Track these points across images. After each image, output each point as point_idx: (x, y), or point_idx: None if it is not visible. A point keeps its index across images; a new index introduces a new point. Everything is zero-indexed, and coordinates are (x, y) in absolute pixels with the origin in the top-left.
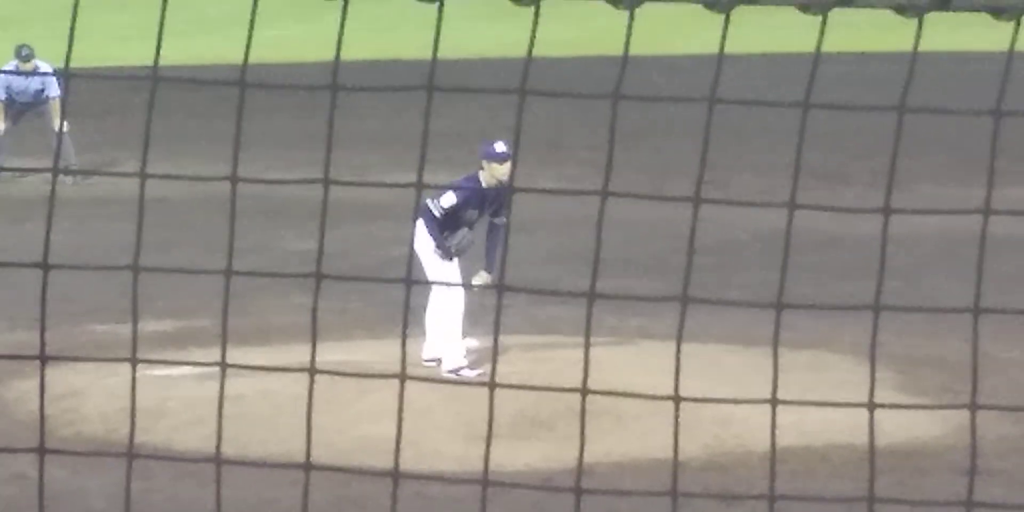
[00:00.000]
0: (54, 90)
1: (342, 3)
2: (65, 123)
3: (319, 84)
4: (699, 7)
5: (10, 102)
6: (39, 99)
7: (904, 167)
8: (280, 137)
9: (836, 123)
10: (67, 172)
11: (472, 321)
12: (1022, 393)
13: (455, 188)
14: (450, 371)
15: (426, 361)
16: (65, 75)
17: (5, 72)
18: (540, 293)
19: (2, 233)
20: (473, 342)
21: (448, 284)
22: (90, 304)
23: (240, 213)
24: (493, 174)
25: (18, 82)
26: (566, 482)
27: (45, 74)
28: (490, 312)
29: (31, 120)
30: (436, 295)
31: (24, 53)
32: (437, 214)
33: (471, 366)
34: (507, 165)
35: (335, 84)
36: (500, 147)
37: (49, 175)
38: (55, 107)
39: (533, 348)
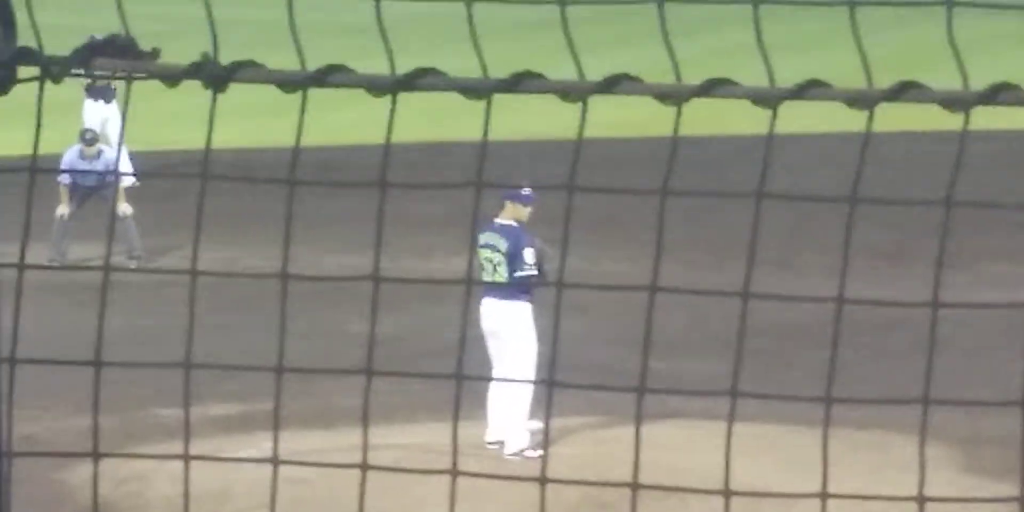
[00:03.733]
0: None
1: (391, 97)
2: (129, 207)
3: (376, 168)
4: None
5: (74, 186)
6: (103, 183)
7: (965, 246)
8: (342, 217)
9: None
10: (120, 269)
11: (534, 402)
12: None
13: (523, 244)
14: (513, 453)
15: (489, 444)
16: (116, 173)
17: (66, 171)
18: (585, 388)
19: (64, 318)
20: (537, 424)
21: (523, 365)
22: (154, 387)
23: (303, 295)
24: (516, 215)
25: (82, 166)
26: None
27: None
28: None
29: (96, 204)
30: (509, 372)
31: (88, 137)
32: (535, 272)
33: (534, 447)
34: (530, 207)
35: (383, 180)
36: (526, 190)
37: (113, 260)
38: (120, 191)
39: (594, 429)
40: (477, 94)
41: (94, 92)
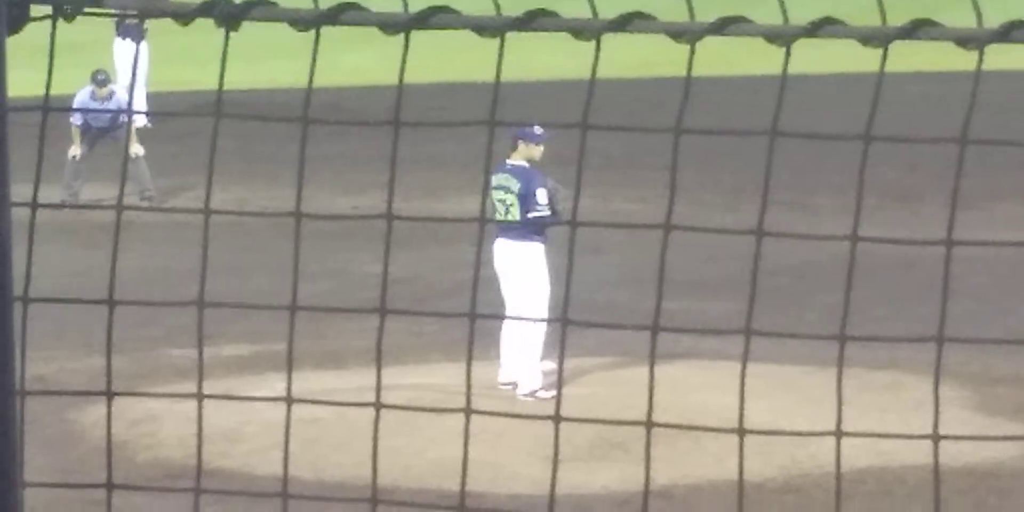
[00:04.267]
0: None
1: (404, 35)
2: (141, 148)
3: (388, 109)
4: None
5: (86, 127)
6: (115, 124)
7: (979, 185)
8: (355, 159)
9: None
10: (133, 207)
11: (547, 343)
12: None
13: (536, 185)
14: (526, 394)
15: (502, 384)
16: (129, 111)
17: (78, 110)
18: (600, 326)
19: (78, 257)
20: (550, 364)
21: (535, 303)
22: (166, 328)
23: (315, 235)
24: (528, 155)
25: (94, 107)
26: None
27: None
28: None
29: (107, 145)
30: (522, 313)
31: (100, 78)
32: (547, 212)
33: (547, 388)
34: (542, 147)
35: (397, 120)
36: (538, 129)
37: (126, 200)
38: (131, 132)
39: (608, 370)
40: (491, 32)
41: (124, 30)
